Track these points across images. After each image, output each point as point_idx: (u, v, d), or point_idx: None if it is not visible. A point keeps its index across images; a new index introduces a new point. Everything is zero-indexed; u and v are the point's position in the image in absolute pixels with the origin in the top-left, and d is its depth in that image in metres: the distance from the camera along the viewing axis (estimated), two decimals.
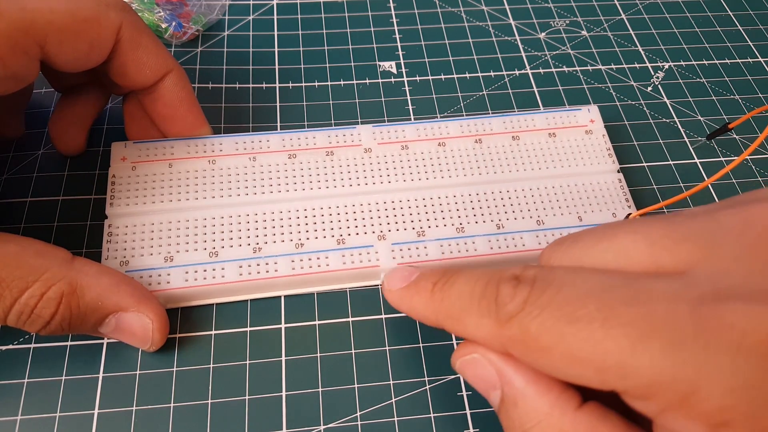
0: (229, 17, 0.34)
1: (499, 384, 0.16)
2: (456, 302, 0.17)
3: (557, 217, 0.26)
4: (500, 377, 0.16)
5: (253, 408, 0.22)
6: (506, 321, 0.15)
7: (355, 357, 0.24)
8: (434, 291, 0.18)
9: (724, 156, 0.30)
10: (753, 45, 0.36)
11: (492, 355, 0.16)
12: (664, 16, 0.37)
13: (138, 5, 0.32)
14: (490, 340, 0.16)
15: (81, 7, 0.21)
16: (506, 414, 0.16)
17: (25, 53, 0.20)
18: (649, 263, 0.15)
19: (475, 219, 0.25)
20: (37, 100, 0.30)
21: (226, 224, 0.25)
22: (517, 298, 0.15)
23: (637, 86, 0.33)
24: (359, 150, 0.27)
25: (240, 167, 0.26)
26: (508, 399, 0.16)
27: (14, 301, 0.19)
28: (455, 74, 0.33)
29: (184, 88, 0.25)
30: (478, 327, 0.16)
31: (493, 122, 0.28)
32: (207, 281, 0.23)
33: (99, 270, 0.21)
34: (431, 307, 0.18)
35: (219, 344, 0.23)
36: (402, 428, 0.22)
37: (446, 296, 0.17)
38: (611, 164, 0.27)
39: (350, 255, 0.24)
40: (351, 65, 0.33)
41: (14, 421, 0.21)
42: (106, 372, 0.23)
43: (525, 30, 0.35)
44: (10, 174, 0.27)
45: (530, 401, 0.16)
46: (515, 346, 0.15)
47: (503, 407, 0.16)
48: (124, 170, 0.25)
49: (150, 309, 0.22)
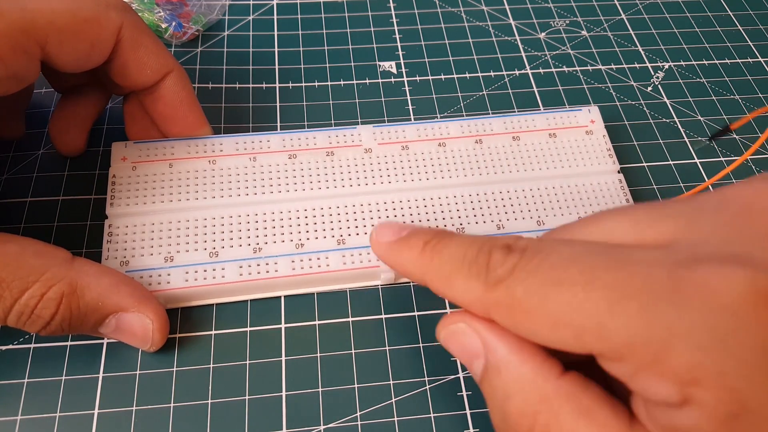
0: (229, 17, 0.34)
1: (483, 353, 0.17)
2: (446, 263, 0.17)
3: (557, 218, 0.26)
4: (484, 346, 0.17)
5: (253, 408, 0.22)
6: (494, 285, 0.16)
7: (355, 357, 0.24)
8: (425, 249, 0.18)
9: (724, 156, 0.30)
10: (753, 45, 0.36)
11: (477, 323, 0.17)
12: (664, 16, 0.37)
13: (138, 5, 0.32)
14: (475, 303, 0.16)
15: (82, 7, 0.21)
16: (489, 382, 0.17)
17: (26, 53, 0.20)
18: (633, 239, 0.16)
19: (475, 219, 0.25)
20: (37, 100, 0.30)
21: (226, 224, 0.25)
22: (506, 264, 0.16)
23: (637, 86, 0.33)
24: (359, 150, 0.27)
25: (240, 167, 0.26)
26: (491, 367, 0.16)
27: (14, 301, 0.19)
28: (455, 74, 0.33)
29: (185, 88, 0.25)
30: (465, 289, 0.17)
31: (494, 123, 0.28)
32: (207, 281, 0.23)
33: (99, 270, 0.21)
34: (420, 264, 0.18)
35: (219, 344, 0.23)
36: (402, 428, 0.22)
37: (437, 256, 0.18)
38: (612, 165, 0.27)
39: (350, 255, 0.24)
40: (351, 65, 0.33)
41: (14, 421, 0.21)
42: (106, 372, 0.23)
43: (525, 30, 0.35)
44: (10, 174, 0.27)
45: (513, 369, 0.16)
46: (500, 310, 0.16)
47: (486, 376, 0.17)
48: (124, 170, 0.25)
49: (150, 309, 0.22)
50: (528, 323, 0.15)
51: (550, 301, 0.15)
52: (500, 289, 0.16)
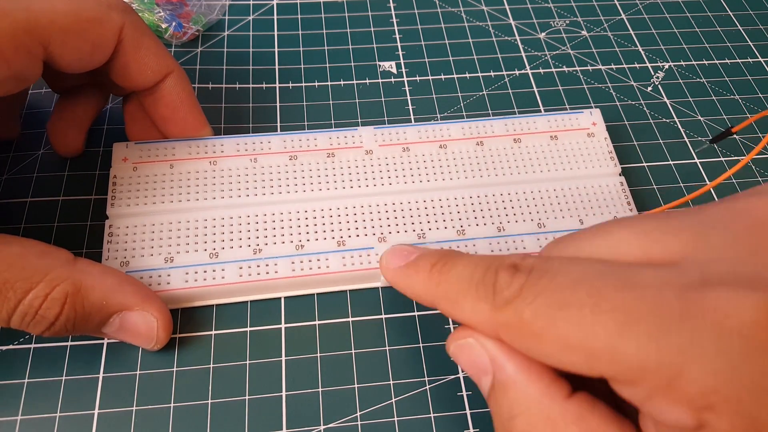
0: (229, 17, 0.34)
1: (491, 370, 0.17)
2: (454, 285, 0.17)
3: (558, 220, 0.26)
4: (492, 363, 0.16)
5: (253, 408, 0.22)
6: (502, 306, 0.16)
7: (355, 357, 0.24)
8: (432, 272, 0.18)
9: (725, 156, 0.30)
10: (753, 45, 0.36)
11: (486, 341, 0.17)
12: (664, 16, 0.37)
13: (138, 5, 0.32)
14: (484, 324, 0.16)
15: (84, 7, 0.21)
16: (496, 400, 0.16)
17: (29, 53, 0.20)
18: (640, 255, 0.16)
19: (476, 221, 0.25)
20: (36, 100, 0.30)
21: (226, 225, 0.25)
22: (513, 285, 0.16)
23: (637, 86, 0.33)
24: (360, 152, 0.27)
25: (241, 168, 0.26)
26: (498, 385, 0.16)
27: (18, 302, 0.19)
28: (455, 74, 0.33)
29: (185, 88, 0.25)
30: (473, 311, 0.16)
31: (495, 124, 0.28)
32: (207, 282, 0.23)
33: (102, 270, 0.21)
34: (428, 287, 0.18)
35: (219, 344, 0.24)
36: (402, 428, 0.22)
37: (444, 279, 0.18)
38: (613, 167, 0.27)
39: (350, 257, 0.24)
40: (351, 65, 0.33)
41: (14, 421, 0.22)
42: (106, 372, 0.23)
43: (525, 30, 0.35)
44: (10, 174, 0.27)
45: (520, 388, 0.16)
46: (509, 332, 0.16)
47: (493, 393, 0.17)
48: (125, 171, 0.25)
49: (154, 307, 0.22)
50: (537, 345, 0.15)
51: (558, 324, 0.14)
52: (508, 311, 0.15)
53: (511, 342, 0.16)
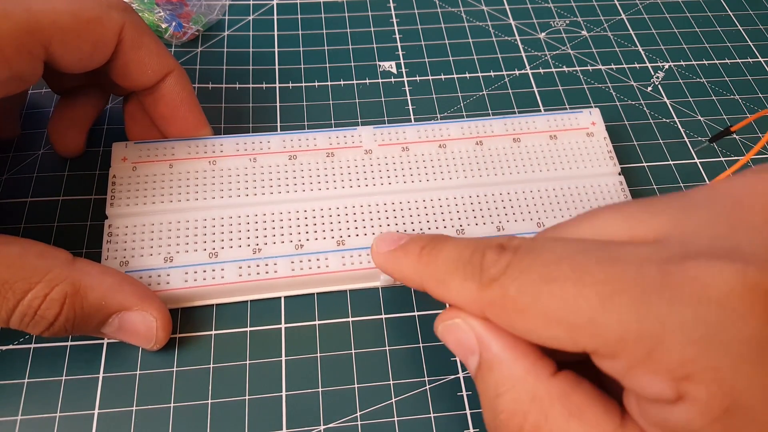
0: (229, 17, 0.34)
1: (478, 349, 0.17)
2: (442, 266, 0.18)
3: (558, 220, 0.26)
4: (479, 342, 0.17)
5: (253, 408, 0.22)
6: (488, 284, 0.16)
7: (355, 357, 0.24)
8: (422, 254, 0.18)
9: (724, 156, 0.30)
10: (753, 45, 0.36)
11: (473, 321, 0.17)
12: (664, 16, 0.37)
13: (138, 5, 0.32)
14: (471, 304, 0.17)
15: (84, 7, 0.21)
16: (482, 378, 0.17)
17: (30, 54, 0.20)
18: (625, 235, 0.16)
19: (475, 221, 0.25)
20: (36, 100, 0.30)
21: (226, 225, 0.25)
22: (500, 263, 0.16)
23: (637, 86, 0.33)
24: (360, 151, 0.27)
25: (240, 168, 0.26)
26: (484, 363, 0.17)
27: (17, 302, 0.19)
28: (455, 74, 0.33)
29: (185, 88, 0.25)
30: (461, 290, 0.17)
31: (494, 124, 0.28)
32: (207, 282, 0.23)
33: (101, 270, 0.21)
34: (417, 269, 0.18)
35: (219, 344, 0.24)
36: (402, 428, 0.22)
37: (433, 260, 0.18)
38: (612, 167, 0.27)
39: (350, 256, 0.24)
40: (351, 65, 0.33)
41: (14, 421, 0.22)
42: (106, 372, 0.23)
43: (525, 30, 0.35)
44: (10, 174, 0.27)
45: (506, 366, 0.16)
46: (494, 310, 0.16)
47: (480, 372, 0.17)
48: (124, 170, 0.25)
49: (153, 307, 0.22)
50: (522, 321, 0.15)
51: (542, 298, 0.15)
52: (494, 288, 0.16)
53: (497, 320, 0.16)
